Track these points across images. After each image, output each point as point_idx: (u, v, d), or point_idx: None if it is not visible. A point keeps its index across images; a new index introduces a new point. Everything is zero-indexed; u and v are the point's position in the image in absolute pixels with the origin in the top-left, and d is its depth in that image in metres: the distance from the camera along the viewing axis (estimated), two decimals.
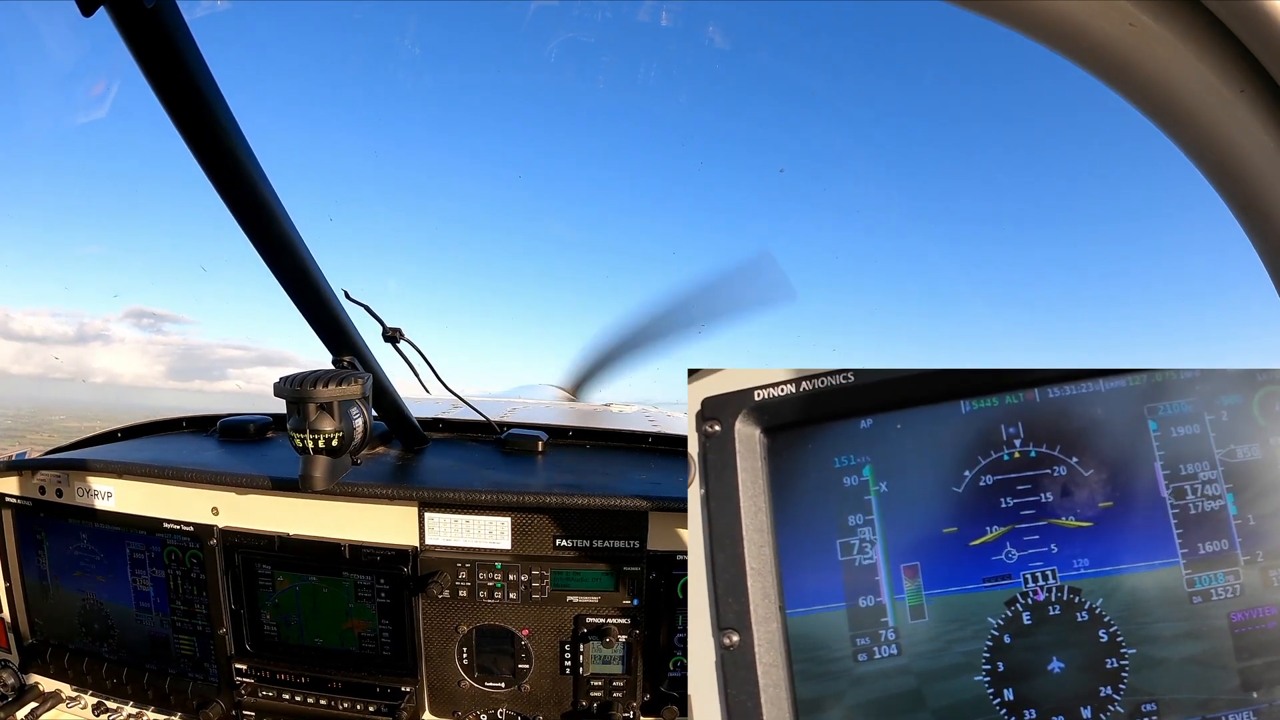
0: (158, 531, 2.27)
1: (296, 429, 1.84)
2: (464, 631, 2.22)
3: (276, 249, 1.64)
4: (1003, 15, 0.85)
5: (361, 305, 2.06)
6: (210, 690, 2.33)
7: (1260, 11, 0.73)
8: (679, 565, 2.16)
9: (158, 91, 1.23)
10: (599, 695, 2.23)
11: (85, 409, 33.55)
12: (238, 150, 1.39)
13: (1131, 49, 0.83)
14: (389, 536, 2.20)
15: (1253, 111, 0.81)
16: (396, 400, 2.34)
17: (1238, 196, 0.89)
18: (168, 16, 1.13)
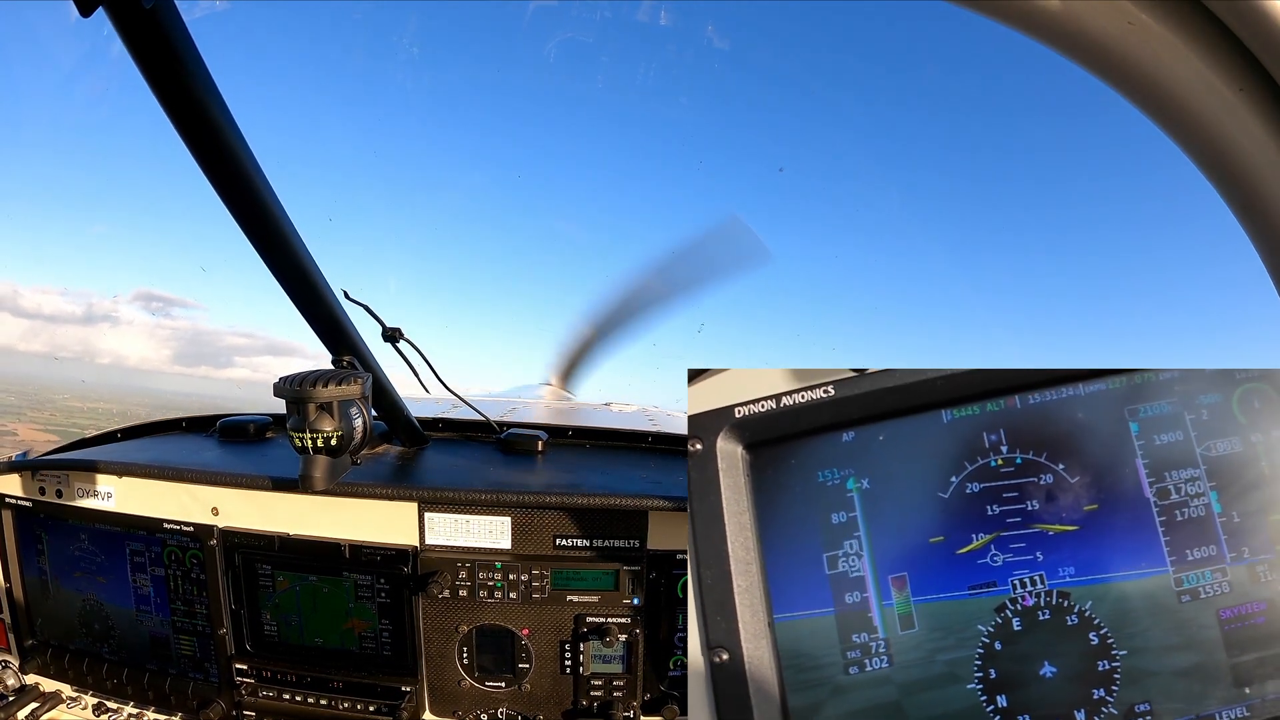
0: (158, 532, 2.27)
1: (296, 429, 1.84)
2: (464, 631, 2.22)
3: (276, 249, 1.64)
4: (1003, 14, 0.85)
5: (361, 305, 2.06)
6: (210, 690, 2.33)
7: (1260, 11, 0.73)
8: (679, 564, 2.16)
9: (156, 92, 1.23)
10: (599, 695, 2.23)
11: (89, 389, 33.66)
12: (237, 150, 1.39)
13: (1131, 48, 0.83)
14: (389, 536, 2.20)
15: (1253, 111, 0.81)
16: (396, 400, 2.35)
17: (1238, 196, 0.89)
18: (166, 17, 1.13)
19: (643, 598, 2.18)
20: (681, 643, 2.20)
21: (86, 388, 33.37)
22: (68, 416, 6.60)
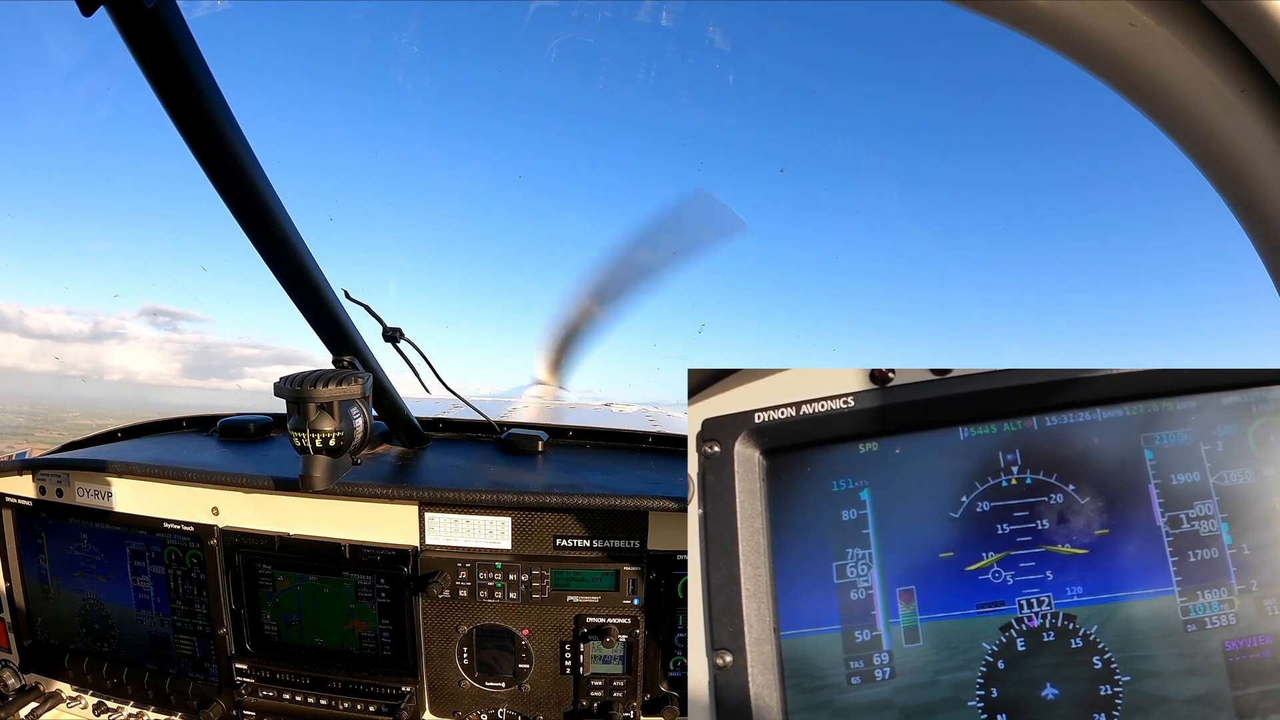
0: (158, 531, 2.27)
1: (296, 429, 1.84)
2: (464, 631, 2.22)
3: (277, 249, 1.64)
4: (1003, 15, 0.85)
5: (361, 305, 2.06)
6: (210, 690, 2.33)
7: (1260, 12, 0.73)
8: (679, 565, 2.16)
9: (158, 91, 1.23)
10: (599, 695, 2.23)
11: (99, 406, 33.66)
12: (238, 150, 1.39)
13: (1132, 49, 0.83)
14: (389, 536, 2.20)
15: (1253, 111, 0.81)
16: (396, 400, 2.34)
17: (1238, 197, 0.89)
18: (168, 16, 1.13)
19: (643, 598, 2.18)
20: (682, 643, 2.20)
21: (97, 405, 33.39)
22: (77, 434, 6.64)
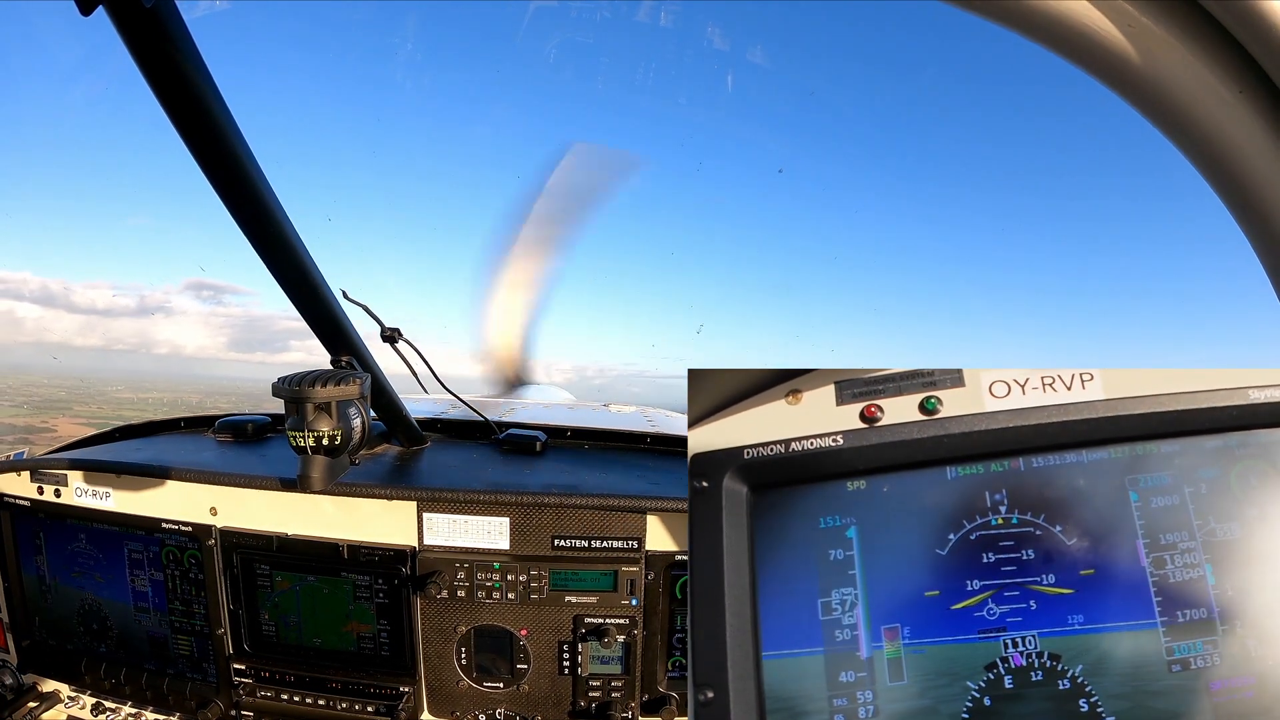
0: (156, 531, 2.26)
1: (295, 429, 1.84)
2: (462, 632, 2.21)
3: (275, 249, 1.64)
4: (1002, 16, 0.85)
5: (360, 305, 2.06)
6: (209, 690, 2.33)
7: (1260, 12, 0.73)
8: (677, 565, 2.16)
9: (156, 91, 1.23)
10: (598, 695, 2.23)
11: (143, 380, 33.68)
12: (237, 150, 1.38)
13: (1131, 50, 0.83)
14: (387, 536, 2.19)
15: (1252, 112, 0.81)
16: (395, 400, 2.34)
17: (1237, 197, 0.89)
18: (167, 16, 1.13)
19: (641, 598, 2.18)
20: (680, 644, 2.20)
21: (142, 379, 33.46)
22: (115, 409, 6.57)
